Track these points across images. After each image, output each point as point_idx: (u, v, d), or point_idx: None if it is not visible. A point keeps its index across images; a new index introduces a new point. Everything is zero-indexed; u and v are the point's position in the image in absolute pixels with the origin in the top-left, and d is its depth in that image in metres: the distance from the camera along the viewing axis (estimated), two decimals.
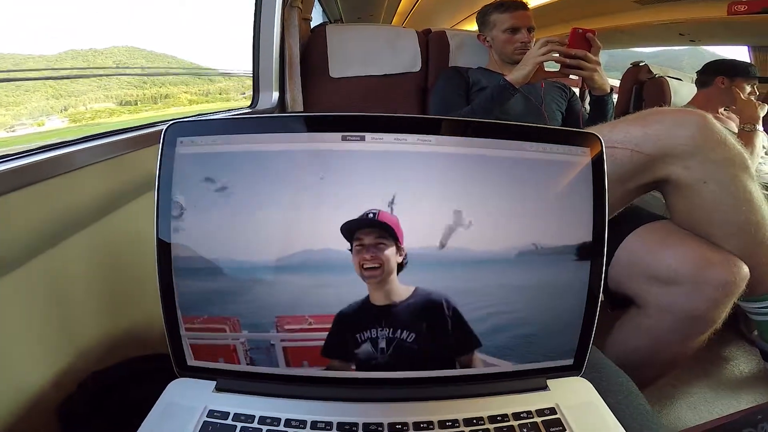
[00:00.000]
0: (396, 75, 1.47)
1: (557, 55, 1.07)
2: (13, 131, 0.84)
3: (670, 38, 3.43)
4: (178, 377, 0.39)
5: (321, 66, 1.40)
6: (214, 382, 0.38)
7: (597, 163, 0.37)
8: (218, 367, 0.38)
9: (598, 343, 0.57)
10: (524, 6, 1.34)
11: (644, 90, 2.14)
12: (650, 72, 2.27)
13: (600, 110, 1.18)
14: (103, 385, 0.48)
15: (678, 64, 4.49)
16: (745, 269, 0.64)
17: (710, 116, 0.68)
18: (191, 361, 0.38)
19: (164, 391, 0.38)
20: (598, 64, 1.07)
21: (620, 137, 0.70)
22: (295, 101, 1.29)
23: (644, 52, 4.25)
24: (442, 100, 1.30)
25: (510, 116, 1.22)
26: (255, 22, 1.30)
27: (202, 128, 0.35)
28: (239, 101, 1.61)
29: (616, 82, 2.36)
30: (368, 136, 0.33)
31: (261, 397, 0.37)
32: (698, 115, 0.67)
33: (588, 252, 0.37)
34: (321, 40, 1.42)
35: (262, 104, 1.27)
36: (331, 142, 0.33)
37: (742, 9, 2.45)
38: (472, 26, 5.62)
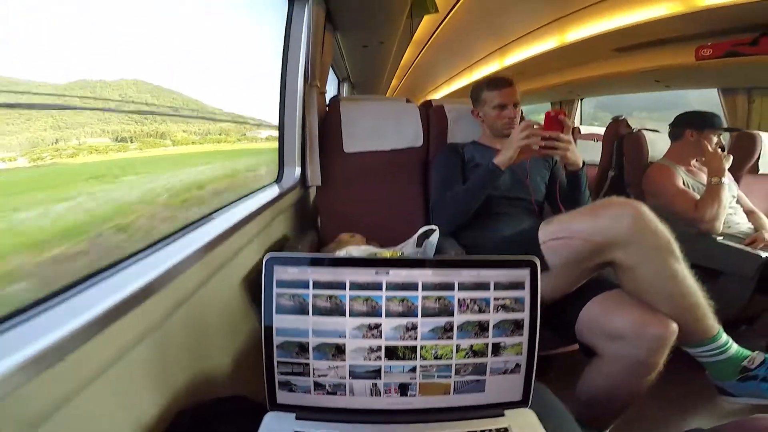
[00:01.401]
0: (401, 150, 1.73)
1: (535, 138, 1.26)
2: None
3: (647, 85, 3.77)
4: (263, 413, 0.63)
5: (336, 141, 1.67)
6: (295, 414, 0.63)
7: (533, 274, 0.63)
8: (298, 403, 0.63)
9: (573, 382, 0.87)
10: (510, 83, 1.54)
11: (624, 143, 2.33)
12: (629, 126, 2.55)
13: (575, 183, 1.38)
14: (194, 421, 0.68)
15: (685, 100, 4.82)
16: (674, 326, 0.90)
17: (644, 209, 0.96)
18: (281, 399, 0.63)
19: (262, 423, 0.62)
20: (570, 143, 1.27)
21: (576, 228, 0.98)
22: (314, 176, 1.55)
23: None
24: (441, 180, 1.52)
25: (499, 190, 1.44)
26: (280, 103, 1.59)
27: (287, 260, 0.62)
28: (235, 144, 1.75)
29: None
30: (388, 270, 0.61)
31: (331, 423, 0.61)
32: (634, 209, 0.95)
33: (526, 329, 0.63)
34: (335, 115, 1.69)
35: (286, 179, 1.55)
36: (369, 273, 0.60)
37: (708, 53, 2.72)
38: (447, 89, 6.00)
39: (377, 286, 0.60)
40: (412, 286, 0.60)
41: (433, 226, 1.20)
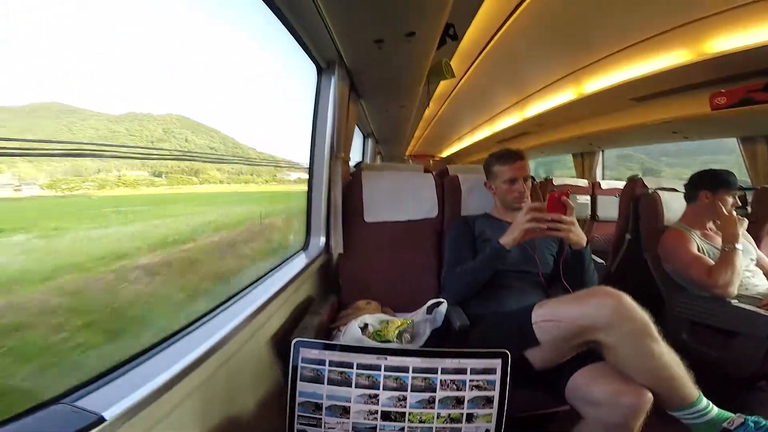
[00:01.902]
0: (417, 221, 1.88)
1: (538, 222, 1.32)
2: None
3: (666, 136, 3.81)
4: None
5: (357, 210, 1.86)
6: None
7: (504, 364, 0.78)
8: None
9: None
10: (521, 157, 1.61)
11: (640, 206, 2.32)
12: (645, 186, 2.54)
13: (579, 261, 1.42)
14: None
15: (712, 145, 4.67)
16: (649, 395, 1.03)
17: (625, 299, 1.09)
18: None
19: None
20: (573, 224, 1.33)
21: (563, 313, 1.13)
22: (337, 244, 1.75)
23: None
24: (451, 254, 1.62)
25: (507, 264, 1.47)
26: (309, 175, 1.80)
27: (310, 344, 0.81)
28: (262, 185, 1.90)
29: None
30: (386, 356, 0.78)
31: None
32: (615, 299, 1.09)
33: (495, 403, 0.78)
34: (358, 185, 1.88)
35: (312, 248, 1.76)
36: (371, 358, 0.77)
37: (723, 102, 2.66)
38: (470, 139, 6.18)
39: (377, 368, 0.77)
40: (405, 369, 0.77)
41: (442, 299, 1.35)
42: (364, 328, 1.24)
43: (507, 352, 0.77)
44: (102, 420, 0.60)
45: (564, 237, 1.36)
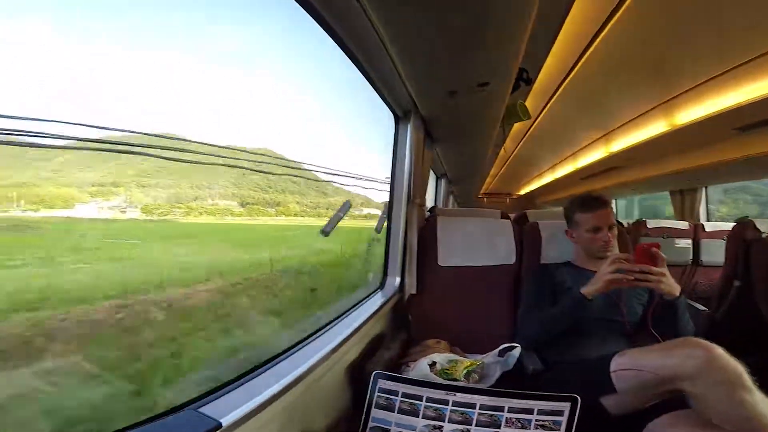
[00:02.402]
0: (493, 266, 1.91)
1: (624, 273, 1.28)
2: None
3: None
4: None
5: (431, 254, 1.95)
6: None
7: (572, 408, 0.79)
8: None
9: None
10: (605, 204, 1.55)
11: (752, 251, 2.10)
12: (756, 230, 2.22)
13: (671, 311, 1.35)
14: None
15: None
16: None
17: (717, 351, 1.03)
18: None
19: None
20: (663, 275, 1.28)
21: (646, 363, 1.09)
22: (411, 285, 1.86)
23: None
24: (531, 300, 1.60)
25: (590, 312, 1.40)
26: (388, 221, 1.95)
27: (387, 377, 0.90)
28: (322, 220, 2.03)
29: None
30: (455, 393, 0.84)
31: None
32: (706, 350, 1.03)
33: None
34: (432, 230, 1.98)
35: (387, 287, 1.89)
36: (441, 393, 0.84)
37: None
38: (551, 176, 5.96)
39: (445, 402, 0.83)
40: (471, 405, 0.82)
41: (516, 344, 1.36)
42: (432, 365, 1.29)
43: (577, 396, 0.78)
44: (219, 426, 0.73)
45: (654, 288, 1.31)
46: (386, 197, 1.97)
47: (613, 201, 6.72)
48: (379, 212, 2.07)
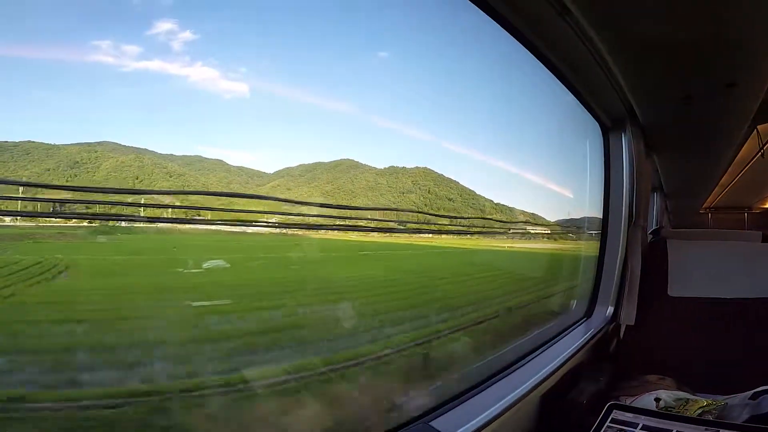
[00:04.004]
0: (750, 299, 1.58)
1: None
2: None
3: None
4: None
5: (659, 283, 1.72)
6: None
7: None
8: None
9: None
10: None
11: None
12: None
13: None
14: None
15: None
16: None
17: None
18: None
19: None
20: None
21: None
22: (629, 315, 1.67)
23: None
24: None
25: None
26: (602, 244, 1.80)
27: (626, 408, 0.85)
28: (477, 241, 2.10)
29: None
30: (718, 429, 0.74)
31: None
32: None
33: None
34: (661, 255, 1.75)
35: (596, 318, 1.74)
36: (698, 429, 0.73)
37: None
38: None
39: None
40: None
41: None
42: (657, 402, 1.15)
43: None
44: None
45: None
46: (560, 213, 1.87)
47: None
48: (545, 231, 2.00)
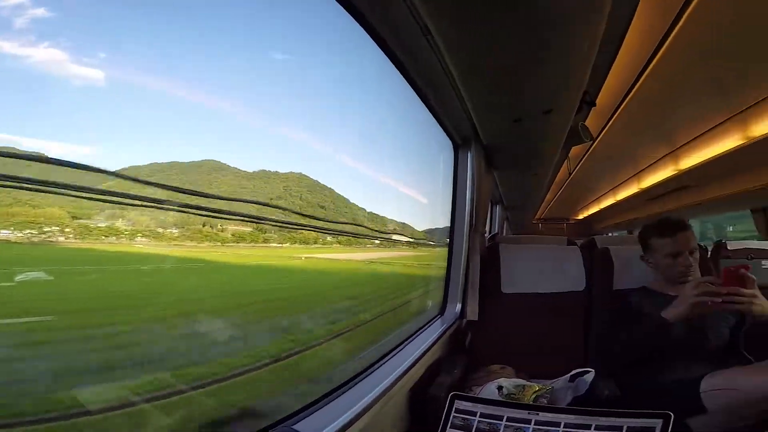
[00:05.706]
0: (561, 294, 1.94)
1: (711, 295, 1.26)
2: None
3: None
4: None
5: (494, 281, 2.00)
6: None
7: (664, 425, 0.81)
8: None
9: None
10: (684, 228, 1.51)
11: None
12: None
13: (765, 332, 1.31)
14: None
15: None
16: None
17: None
18: None
19: None
20: (754, 296, 1.25)
21: (741, 383, 1.08)
22: (472, 311, 1.91)
23: None
24: (606, 328, 1.61)
25: (674, 336, 1.36)
26: (449, 249, 2.02)
27: (463, 397, 0.95)
28: (340, 251, 2.20)
29: None
30: (538, 412, 0.89)
31: None
32: None
33: None
34: (494, 257, 2.03)
35: (448, 314, 1.94)
36: (522, 413, 0.88)
37: None
38: (613, 200, 5.81)
39: (527, 422, 0.87)
40: (556, 424, 0.85)
41: (589, 369, 1.36)
42: (500, 389, 1.32)
43: (670, 413, 0.79)
44: None
45: (744, 311, 1.28)
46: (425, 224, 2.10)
47: None
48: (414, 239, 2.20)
